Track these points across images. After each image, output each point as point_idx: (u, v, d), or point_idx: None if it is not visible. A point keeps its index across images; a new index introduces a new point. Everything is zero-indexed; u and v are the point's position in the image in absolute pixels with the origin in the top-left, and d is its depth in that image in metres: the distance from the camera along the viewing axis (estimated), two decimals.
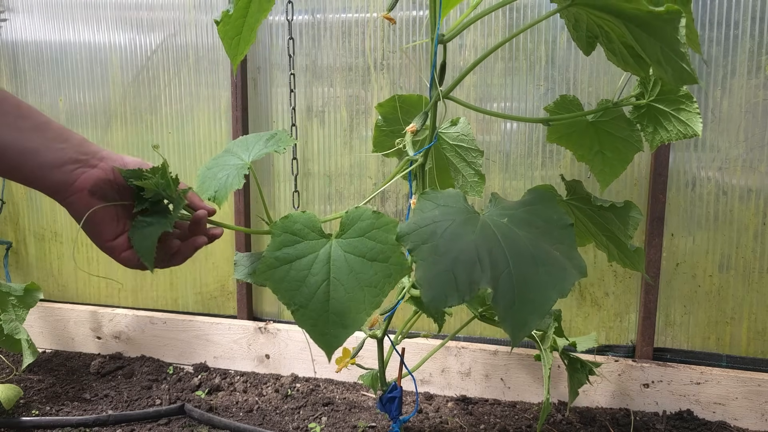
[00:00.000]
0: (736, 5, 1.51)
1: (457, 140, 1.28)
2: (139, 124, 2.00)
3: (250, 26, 1.08)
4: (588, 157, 1.29)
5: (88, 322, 2.08)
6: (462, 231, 0.85)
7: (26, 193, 2.16)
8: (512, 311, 0.79)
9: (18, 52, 2.08)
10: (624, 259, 1.25)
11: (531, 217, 0.90)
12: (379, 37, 1.75)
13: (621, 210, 1.22)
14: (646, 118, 1.18)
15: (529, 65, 1.65)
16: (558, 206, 0.92)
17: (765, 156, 1.54)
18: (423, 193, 0.93)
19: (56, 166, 0.78)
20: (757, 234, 1.57)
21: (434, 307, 0.78)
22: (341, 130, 1.83)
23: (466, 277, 0.80)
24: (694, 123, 1.12)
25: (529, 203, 0.94)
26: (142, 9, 1.95)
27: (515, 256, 0.82)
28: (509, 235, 0.85)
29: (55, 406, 1.70)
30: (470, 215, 0.90)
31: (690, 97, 1.11)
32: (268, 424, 1.59)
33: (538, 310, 0.80)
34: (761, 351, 1.61)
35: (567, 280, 0.82)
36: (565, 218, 0.90)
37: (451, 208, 0.91)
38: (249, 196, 1.91)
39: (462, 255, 0.81)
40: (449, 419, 1.60)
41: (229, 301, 2.00)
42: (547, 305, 0.80)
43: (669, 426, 1.55)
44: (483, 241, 0.83)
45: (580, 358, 1.39)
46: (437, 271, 0.80)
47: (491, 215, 0.91)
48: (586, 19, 1.00)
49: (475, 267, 0.80)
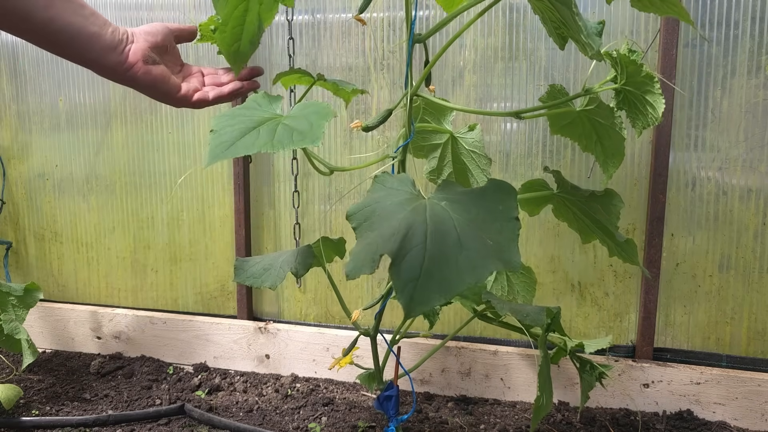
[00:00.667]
0: (736, 5, 1.51)
1: (472, 146, 1.28)
2: (139, 124, 2.00)
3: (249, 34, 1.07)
4: (591, 147, 1.28)
5: (88, 322, 2.08)
6: (396, 210, 0.86)
7: (26, 193, 2.16)
8: (414, 284, 0.79)
9: (18, 52, 2.08)
10: (620, 252, 1.23)
11: (474, 204, 0.88)
12: (379, 37, 1.75)
13: (603, 198, 1.21)
14: (625, 103, 1.15)
15: (529, 65, 1.65)
16: (510, 199, 0.90)
17: (765, 156, 1.54)
18: (376, 176, 0.94)
19: (112, 48, 0.93)
20: (757, 234, 1.57)
21: (351, 277, 0.79)
22: (341, 130, 1.83)
23: (379, 248, 0.80)
24: (658, 105, 1.08)
25: (480, 192, 0.93)
26: (142, 9, 1.95)
27: (436, 235, 0.82)
28: (440, 216, 0.85)
29: (55, 406, 1.70)
30: (411, 197, 0.90)
31: (651, 77, 1.08)
32: (268, 424, 1.59)
33: (445, 289, 0.77)
34: (761, 351, 1.61)
35: (486, 268, 0.80)
36: (511, 211, 0.88)
37: (395, 190, 0.92)
38: (249, 195, 1.91)
39: (384, 230, 0.82)
40: (449, 419, 1.60)
41: (229, 301, 2.00)
42: (457, 286, 0.78)
43: (669, 426, 1.55)
44: (409, 219, 0.84)
45: (591, 361, 1.36)
46: (363, 245, 0.82)
47: (434, 198, 0.91)
48: (542, 8, 1.00)
49: (389, 240, 0.80)
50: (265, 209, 1.93)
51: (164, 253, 2.05)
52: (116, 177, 2.05)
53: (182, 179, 1.98)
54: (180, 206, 2.00)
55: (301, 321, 1.94)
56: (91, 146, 2.07)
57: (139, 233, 2.06)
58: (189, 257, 2.02)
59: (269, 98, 1.04)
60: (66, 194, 2.12)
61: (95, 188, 2.08)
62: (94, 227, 2.11)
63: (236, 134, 0.93)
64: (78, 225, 2.13)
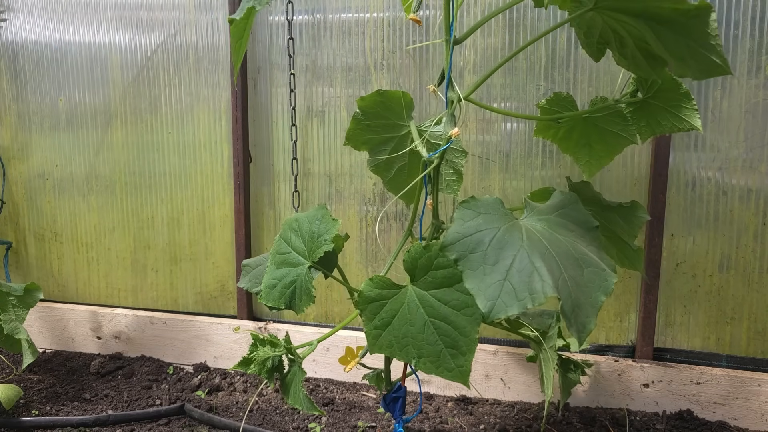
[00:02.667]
0: (736, 5, 1.51)
1: (440, 139, 1.27)
2: (139, 124, 2.00)
3: (249, 28, 1.10)
4: (573, 149, 1.33)
5: (88, 322, 2.08)
6: (509, 238, 0.85)
7: (26, 193, 2.16)
8: (574, 315, 0.80)
9: (18, 52, 2.08)
10: (623, 258, 1.26)
11: (564, 220, 0.91)
12: (379, 37, 1.75)
13: (627, 210, 1.23)
14: (639, 113, 1.20)
15: (529, 65, 1.65)
16: (583, 209, 0.94)
17: (765, 156, 1.54)
18: (463, 201, 0.93)
19: None
20: (757, 234, 1.57)
21: (494, 316, 0.78)
22: (341, 130, 1.83)
23: (525, 286, 0.80)
24: (692, 119, 1.14)
25: (559, 207, 0.94)
26: (142, 9, 1.95)
27: (564, 261, 0.83)
28: (553, 240, 0.86)
29: (55, 406, 1.69)
30: (513, 221, 0.90)
31: (688, 95, 1.13)
32: (268, 424, 1.59)
33: (591, 312, 0.82)
34: (761, 351, 1.61)
35: (608, 280, 0.84)
36: (591, 220, 0.92)
37: (492, 216, 0.90)
38: (249, 196, 1.91)
39: (515, 263, 0.81)
40: (449, 419, 1.60)
41: (229, 301, 2.00)
42: (597, 306, 0.82)
43: (669, 426, 1.55)
44: (535, 248, 0.83)
45: (573, 359, 1.40)
46: (491, 281, 0.80)
47: (529, 220, 0.92)
48: (600, 25, 1.00)
49: (532, 275, 0.80)
50: (265, 209, 1.93)
51: (164, 253, 2.05)
52: (116, 177, 2.05)
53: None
54: (180, 206, 2.00)
55: (301, 321, 1.94)
56: (91, 146, 2.07)
57: (139, 233, 2.06)
58: (189, 257, 2.02)
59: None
60: (66, 194, 2.12)
61: (95, 188, 2.08)
62: (94, 227, 2.11)
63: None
64: (78, 225, 2.13)
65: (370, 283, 0.99)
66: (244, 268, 1.35)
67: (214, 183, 1.96)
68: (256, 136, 1.90)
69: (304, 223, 1.14)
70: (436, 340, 0.93)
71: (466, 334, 0.91)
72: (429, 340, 0.93)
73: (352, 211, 1.85)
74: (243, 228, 1.90)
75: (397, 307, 0.97)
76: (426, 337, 0.93)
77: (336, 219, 1.10)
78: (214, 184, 1.96)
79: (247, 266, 1.36)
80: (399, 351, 0.96)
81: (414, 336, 0.94)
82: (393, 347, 0.96)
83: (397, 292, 0.99)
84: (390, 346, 0.96)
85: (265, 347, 1.14)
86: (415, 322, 0.95)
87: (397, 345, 0.96)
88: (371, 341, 0.98)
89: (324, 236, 1.08)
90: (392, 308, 0.97)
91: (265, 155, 1.90)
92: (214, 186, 1.96)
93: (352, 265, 1.86)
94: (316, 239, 1.09)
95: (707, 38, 0.82)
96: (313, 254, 1.09)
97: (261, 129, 1.89)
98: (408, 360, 0.95)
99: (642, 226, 1.23)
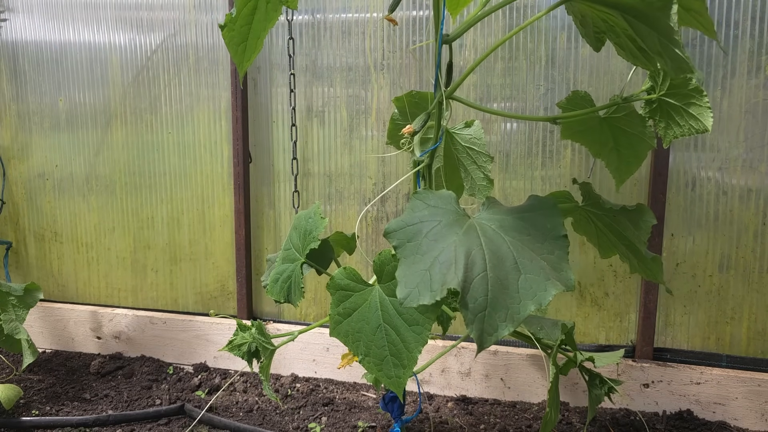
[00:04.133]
0: (736, 5, 1.51)
1: (470, 143, 1.28)
2: (139, 124, 2.00)
3: (256, 34, 1.07)
4: (603, 153, 1.27)
5: (88, 322, 2.08)
6: (446, 232, 0.85)
7: (26, 193, 2.16)
8: (482, 315, 0.78)
9: (18, 52, 2.08)
10: (644, 268, 1.21)
11: (523, 224, 0.89)
12: (379, 37, 1.75)
13: (633, 213, 1.19)
14: (658, 113, 1.15)
15: (529, 65, 1.65)
16: (556, 216, 0.90)
17: (765, 156, 1.54)
18: (416, 192, 0.94)
19: None
20: (757, 234, 1.57)
21: (407, 304, 0.79)
22: (341, 130, 1.83)
23: (440, 278, 0.80)
24: (704, 118, 1.09)
25: (526, 210, 0.93)
26: (142, 9, 1.95)
27: (495, 260, 0.81)
28: (493, 239, 0.85)
29: (55, 406, 1.70)
30: (459, 217, 0.89)
31: (700, 90, 1.08)
32: (268, 424, 1.59)
33: (511, 318, 0.78)
34: (761, 351, 1.61)
35: (547, 291, 0.80)
36: (558, 228, 0.89)
37: (440, 209, 0.91)
38: (249, 196, 1.91)
39: (441, 255, 0.81)
40: (449, 419, 1.60)
41: (229, 301, 2.00)
42: (522, 314, 0.79)
43: (669, 426, 1.55)
44: (465, 243, 0.83)
45: (600, 375, 1.34)
46: (415, 270, 0.81)
47: (481, 219, 0.90)
48: (591, 15, 0.99)
49: (450, 268, 0.80)
50: (265, 209, 1.93)
51: (164, 253, 2.05)
52: (116, 177, 2.05)
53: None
54: (180, 206, 2.00)
55: (301, 321, 1.94)
56: (91, 146, 2.07)
57: (139, 233, 2.06)
58: (189, 257, 2.02)
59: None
60: (66, 194, 2.12)
61: (95, 188, 2.08)
62: (94, 227, 2.11)
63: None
64: (78, 225, 2.13)
65: (342, 272, 1.03)
66: (268, 263, 1.40)
67: (214, 183, 1.96)
68: (256, 136, 1.90)
69: (302, 221, 1.17)
70: (384, 345, 0.96)
71: (410, 350, 0.94)
72: (378, 343, 0.96)
73: (352, 211, 1.85)
74: (243, 228, 1.90)
75: (361, 303, 1.00)
76: (376, 339, 0.96)
77: (324, 217, 1.13)
78: (214, 184, 1.96)
79: (269, 260, 1.39)
80: (352, 343, 1.00)
81: (367, 334, 0.97)
82: (348, 337, 1.00)
83: (364, 288, 1.02)
84: (346, 335, 1.00)
85: (245, 333, 1.22)
86: (371, 321, 0.98)
87: (351, 336, 1.00)
88: (333, 325, 1.02)
89: (313, 233, 1.11)
90: (356, 302, 1.01)
91: (265, 155, 1.90)
92: (214, 186, 1.96)
93: (352, 265, 1.85)
94: (307, 236, 1.12)
95: (671, 32, 0.80)
96: (304, 250, 1.13)
97: (261, 129, 1.89)
98: (356, 354, 0.99)
99: (650, 231, 1.19)
